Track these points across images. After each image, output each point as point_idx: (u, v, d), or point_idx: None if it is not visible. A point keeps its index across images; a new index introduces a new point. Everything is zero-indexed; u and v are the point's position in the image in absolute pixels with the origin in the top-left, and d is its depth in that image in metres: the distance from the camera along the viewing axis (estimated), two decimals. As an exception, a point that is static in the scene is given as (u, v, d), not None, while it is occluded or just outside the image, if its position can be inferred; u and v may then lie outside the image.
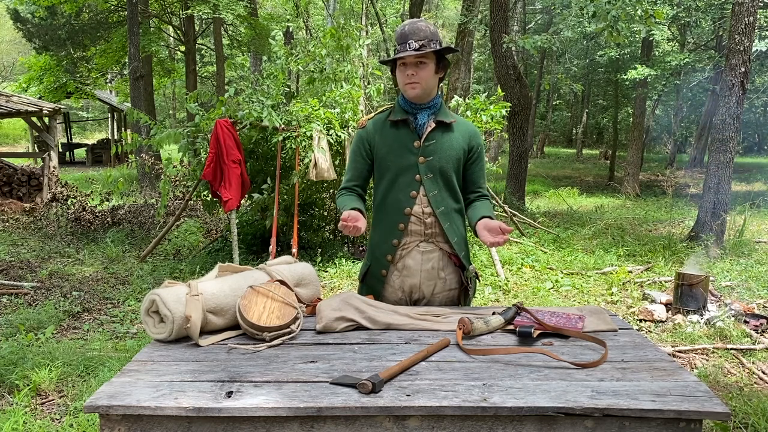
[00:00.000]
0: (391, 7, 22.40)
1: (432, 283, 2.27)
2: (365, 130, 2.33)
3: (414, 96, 2.20)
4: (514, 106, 10.06)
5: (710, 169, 7.61)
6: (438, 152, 2.24)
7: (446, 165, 2.25)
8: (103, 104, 23.93)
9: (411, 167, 2.24)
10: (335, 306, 1.96)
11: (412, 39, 2.13)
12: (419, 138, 2.24)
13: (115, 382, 1.49)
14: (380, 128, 2.30)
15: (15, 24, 18.59)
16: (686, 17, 15.58)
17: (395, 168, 2.26)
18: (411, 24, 2.16)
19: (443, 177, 2.25)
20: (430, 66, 2.18)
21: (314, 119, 5.87)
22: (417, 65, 2.16)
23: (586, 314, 2.03)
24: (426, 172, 2.23)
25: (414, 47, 2.12)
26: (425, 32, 2.14)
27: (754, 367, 3.93)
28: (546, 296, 5.57)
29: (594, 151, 30.42)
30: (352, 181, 2.37)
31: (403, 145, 2.25)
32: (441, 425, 1.41)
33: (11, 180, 10.54)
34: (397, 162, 2.25)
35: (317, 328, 1.90)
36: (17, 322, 4.43)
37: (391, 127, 2.28)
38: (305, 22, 20.71)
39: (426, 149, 2.24)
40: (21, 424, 2.95)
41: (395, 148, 2.26)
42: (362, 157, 2.34)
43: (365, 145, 2.32)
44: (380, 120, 2.32)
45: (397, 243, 2.26)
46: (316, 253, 6.52)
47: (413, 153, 2.24)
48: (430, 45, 2.14)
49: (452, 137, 2.27)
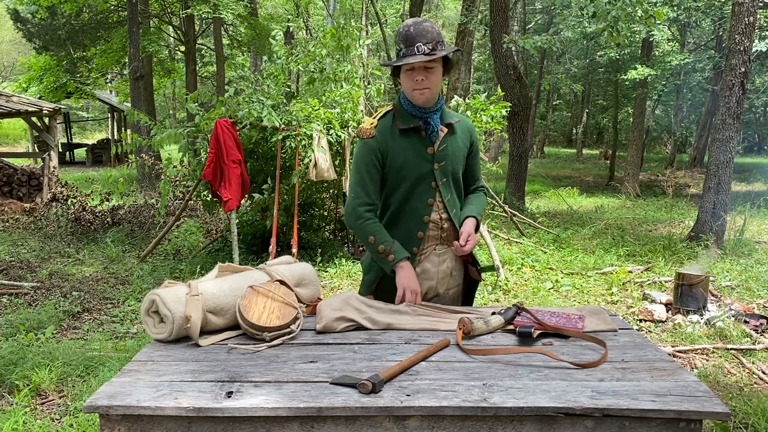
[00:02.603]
0: (391, 7, 22.40)
1: (446, 281, 2.29)
2: (375, 141, 2.16)
3: (423, 101, 2.11)
4: (514, 106, 10.05)
5: (710, 169, 7.61)
6: (449, 155, 2.20)
7: (456, 166, 2.24)
8: (103, 104, 23.94)
9: (427, 175, 2.18)
10: (335, 306, 1.96)
11: (421, 42, 2.01)
12: (432, 144, 2.17)
13: (115, 382, 1.49)
14: (390, 137, 2.17)
15: (15, 24, 18.59)
16: (686, 18, 15.58)
17: (412, 178, 2.17)
18: (416, 25, 2.04)
19: (454, 179, 2.24)
20: (438, 69, 2.09)
21: (314, 119, 5.87)
22: (426, 69, 2.05)
23: (586, 314, 2.03)
24: (441, 178, 2.19)
25: (424, 51, 2.01)
26: (432, 34, 2.03)
27: (754, 367, 3.93)
28: (546, 296, 5.57)
29: (594, 151, 30.42)
30: (374, 194, 2.20)
31: (418, 154, 2.17)
32: (441, 425, 1.41)
33: (11, 180, 10.53)
34: (414, 172, 2.16)
35: (317, 328, 1.90)
36: (17, 322, 4.43)
37: (402, 136, 2.17)
38: (305, 22, 20.72)
39: (439, 155, 2.18)
40: (21, 424, 2.95)
41: (410, 158, 2.16)
42: (376, 169, 2.18)
43: (378, 156, 2.17)
44: (387, 127, 2.18)
45: (416, 251, 2.22)
46: (316, 253, 6.52)
47: (428, 160, 2.17)
48: (439, 48, 2.04)
49: (457, 138, 2.25)
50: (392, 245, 2.15)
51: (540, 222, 9.41)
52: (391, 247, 2.14)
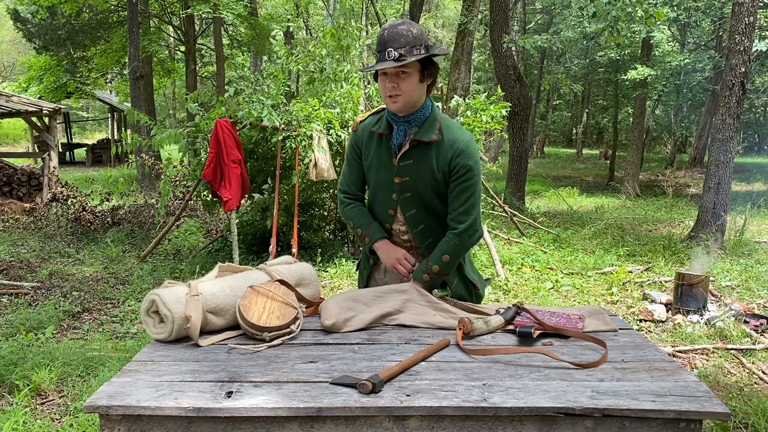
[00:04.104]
0: (391, 7, 22.40)
1: None
2: (356, 135, 2.22)
3: (396, 109, 2.01)
4: (514, 106, 10.06)
5: (710, 169, 7.61)
6: (413, 173, 2.06)
7: (422, 188, 2.06)
8: (103, 104, 23.94)
9: (388, 185, 2.11)
10: (343, 304, 1.96)
11: (392, 47, 1.90)
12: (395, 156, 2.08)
13: (115, 382, 1.49)
14: (367, 137, 2.17)
15: (15, 24, 18.58)
16: (686, 18, 15.58)
17: (375, 182, 2.17)
18: (390, 29, 1.93)
19: (421, 199, 2.08)
20: (413, 76, 1.95)
21: (314, 119, 5.87)
22: (398, 75, 1.94)
23: (586, 314, 2.03)
24: (402, 192, 2.09)
25: (393, 56, 1.89)
26: (406, 38, 1.90)
27: (754, 367, 3.93)
28: (546, 296, 5.57)
29: (594, 151, 30.42)
30: (354, 185, 2.27)
31: (382, 161, 2.11)
32: (441, 425, 1.40)
33: (11, 180, 10.53)
34: (377, 177, 2.15)
35: (325, 324, 1.89)
36: (17, 322, 4.43)
37: (375, 139, 2.13)
38: (305, 22, 20.72)
39: (401, 169, 2.07)
40: (21, 424, 2.95)
41: (375, 162, 2.14)
42: (356, 161, 2.24)
43: (356, 150, 2.22)
44: (368, 127, 2.17)
45: None
46: (316, 253, 6.52)
47: (390, 171, 2.10)
48: (413, 52, 1.90)
49: (430, 157, 2.03)
50: (368, 228, 2.21)
51: (540, 222, 9.40)
52: (367, 230, 2.21)
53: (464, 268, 2.21)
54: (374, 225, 2.21)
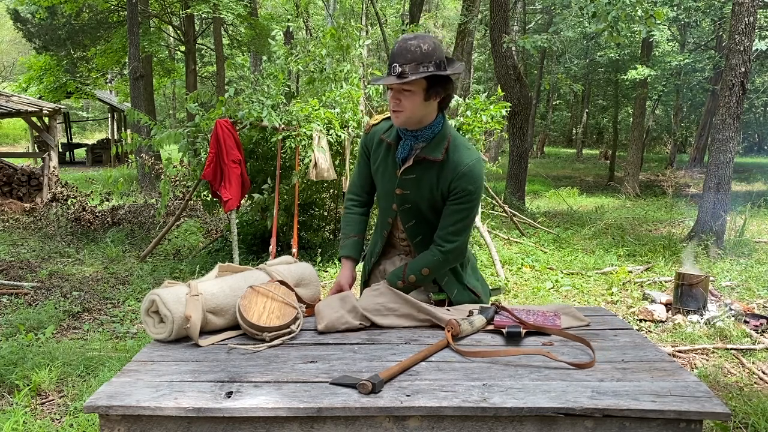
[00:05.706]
0: (391, 7, 22.40)
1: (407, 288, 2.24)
2: (367, 138, 2.21)
3: (398, 125, 1.98)
4: (514, 106, 10.05)
5: (710, 169, 7.61)
6: (414, 188, 2.04)
7: (421, 203, 2.05)
8: (103, 104, 23.93)
9: (390, 194, 2.12)
10: (335, 306, 1.96)
11: (397, 62, 1.84)
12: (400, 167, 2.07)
13: (114, 382, 1.49)
14: (377, 143, 2.16)
15: (15, 24, 18.58)
16: (686, 18, 15.58)
17: (380, 188, 2.19)
18: (401, 43, 1.87)
19: (420, 212, 2.08)
20: (416, 94, 1.88)
21: (314, 119, 5.87)
22: (401, 92, 1.89)
23: (559, 312, 2.04)
24: (402, 204, 2.09)
25: (396, 72, 1.84)
26: (413, 54, 1.83)
27: (754, 367, 3.93)
28: (546, 296, 5.57)
29: (594, 151, 30.42)
30: (360, 188, 2.29)
31: (387, 170, 2.11)
32: (441, 425, 1.41)
33: (11, 180, 10.53)
34: (382, 184, 2.16)
35: (319, 328, 1.89)
36: (17, 322, 4.43)
37: (383, 146, 2.13)
38: (305, 22, 20.71)
39: (403, 181, 2.05)
40: (21, 424, 2.95)
41: (381, 169, 2.15)
42: (365, 163, 2.25)
43: (366, 152, 2.23)
44: (379, 132, 2.16)
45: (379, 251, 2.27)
46: (316, 253, 6.52)
47: (392, 181, 2.09)
48: (418, 69, 1.83)
49: (433, 175, 2.00)
50: (347, 239, 2.26)
51: (540, 222, 9.40)
52: (344, 241, 2.26)
53: (463, 277, 2.19)
54: (352, 240, 2.26)
